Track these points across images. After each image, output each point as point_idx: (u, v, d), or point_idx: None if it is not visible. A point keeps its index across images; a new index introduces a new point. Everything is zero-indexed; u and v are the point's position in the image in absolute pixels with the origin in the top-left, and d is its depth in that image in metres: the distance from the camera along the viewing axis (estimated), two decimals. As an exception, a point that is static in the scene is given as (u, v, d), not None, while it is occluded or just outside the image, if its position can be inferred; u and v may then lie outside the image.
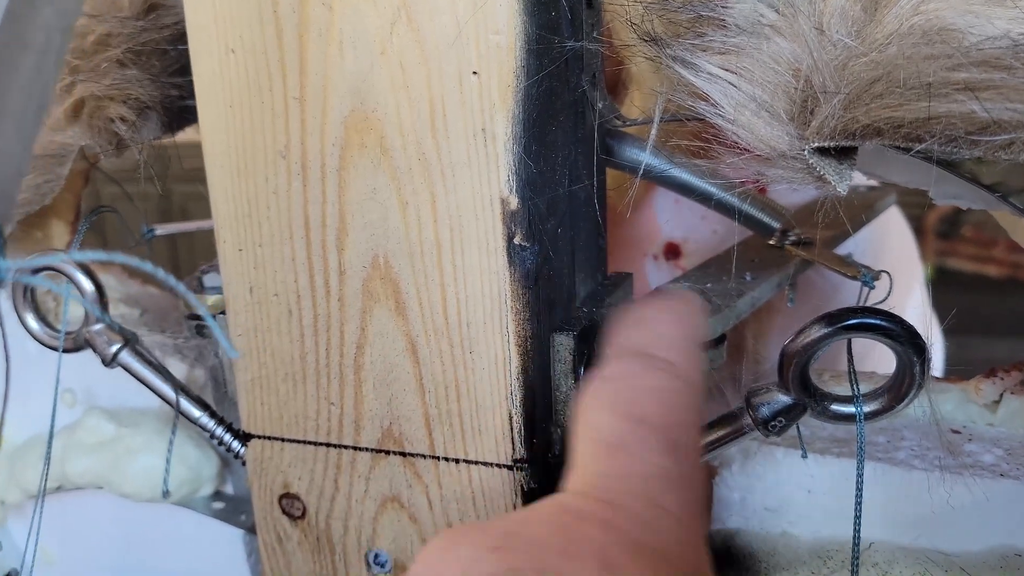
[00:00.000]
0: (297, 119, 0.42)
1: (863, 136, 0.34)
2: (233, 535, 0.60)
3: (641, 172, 0.46)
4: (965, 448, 0.50)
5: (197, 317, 0.53)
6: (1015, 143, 0.32)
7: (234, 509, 0.61)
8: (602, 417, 0.36)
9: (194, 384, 0.60)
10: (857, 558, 0.40)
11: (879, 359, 0.73)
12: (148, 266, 0.34)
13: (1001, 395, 0.52)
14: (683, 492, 0.34)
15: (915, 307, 0.88)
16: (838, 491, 0.49)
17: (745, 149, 0.37)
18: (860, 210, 0.67)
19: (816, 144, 0.35)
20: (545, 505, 0.34)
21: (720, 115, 0.37)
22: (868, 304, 0.47)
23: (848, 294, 0.79)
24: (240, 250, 0.45)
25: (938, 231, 3.38)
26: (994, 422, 0.52)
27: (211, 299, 0.51)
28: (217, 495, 0.62)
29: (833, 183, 0.36)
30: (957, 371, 0.56)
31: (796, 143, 0.36)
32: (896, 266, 0.87)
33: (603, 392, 0.37)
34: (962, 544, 0.47)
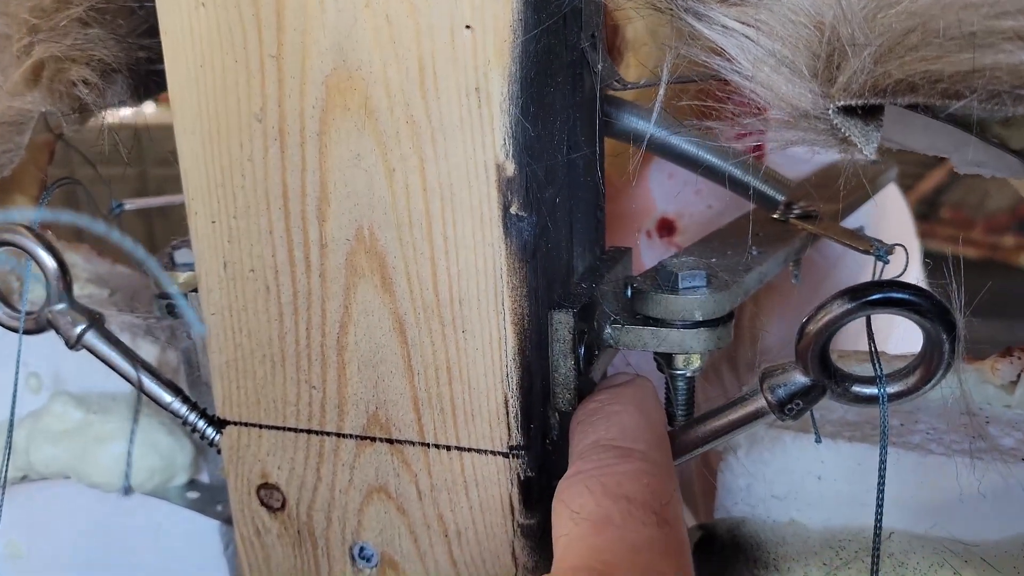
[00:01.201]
0: (274, 79, 0.38)
1: (895, 93, 0.31)
2: (209, 526, 0.57)
3: (646, 141, 0.43)
4: (981, 431, 0.48)
5: (168, 296, 0.49)
6: (1064, 99, 0.29)
7: (210, 499, 0.58)
8: (584, 499, 0.36)
9: (166, 367, 0.57)
10: (878, 549, 0.38)
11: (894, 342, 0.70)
12: (115, 233, 0.31)
13: (1019, 375, 0.49)
14: (676, 558, 0.34)
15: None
16: (850, 477, 0.46)
17: (763, 109, 0.34)
18: (861, 184, 0.64)
19: (843, 102, 0.32)
20: None
21: (737, 71, 0.34)
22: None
23: (846, 271, 0.77)
24: (213, 222, 0.41)
25: (917, 212, 3.37)
26: (1012, 404, 0.49)
27: (183, 276, 0.48)
28: (192, 484, 0.59)
29: (860, 145, 0.33)
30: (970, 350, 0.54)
31: (820, 101, 0.33)
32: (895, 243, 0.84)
33: (581, 480, 0.37)
34: (981, 533, 0.45)
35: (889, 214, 0.83)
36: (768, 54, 0.33)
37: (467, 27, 0.35)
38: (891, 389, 0.37)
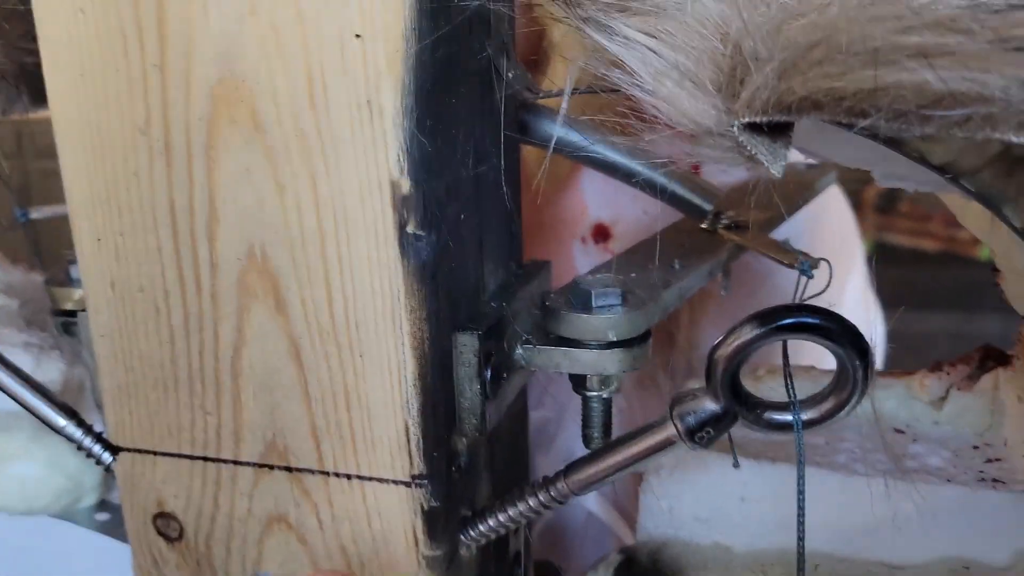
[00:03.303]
0: (157, 89, 0.36)
1: (800, 110, 0.30)
2: (119, 550, 0.55)
3: (552, 148, 0.41)
4: (910, 450, 0.46)
5: (65, 312, 0.47)
6: (972, 119, 0.28)
7: (120, 521, 0.55)
8: None
9: (71, 385, 0.55)
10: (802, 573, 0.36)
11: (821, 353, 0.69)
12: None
13: (947, 391, 0.48)
14: None
15: (855, 289, 0.84)
16: (775, 498, 0.45)
17: (667, 125, 0.33)
18: (799, 190, 0.63)
19: (747, 119, 0.31)
20: None
21: (638, 85, 0.32)
22: (806, 293, 0.43)
23: (783, 277, 0.76)
24: (99, 240, 0.39)
25: (876, 206, 3.39)
26: (939, 420, 0.48)
27: (78, 293, 0.46)
28: (102, 505, 0.57)
29: (766, 164, 0.31)
30: (897, 348, 0.52)
31: (724, 118, 0.31)
32: (836, 246, 0.83)
33: None
34: (907, 555, 0.44)
35: (830, 216, 0.82)
36: (671, 67, 0.31)
37: (356, 36, 0.33)
38: (805, 416, 0.35)
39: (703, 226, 0.52)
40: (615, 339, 0.40)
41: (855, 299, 0.85)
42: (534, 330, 0.42)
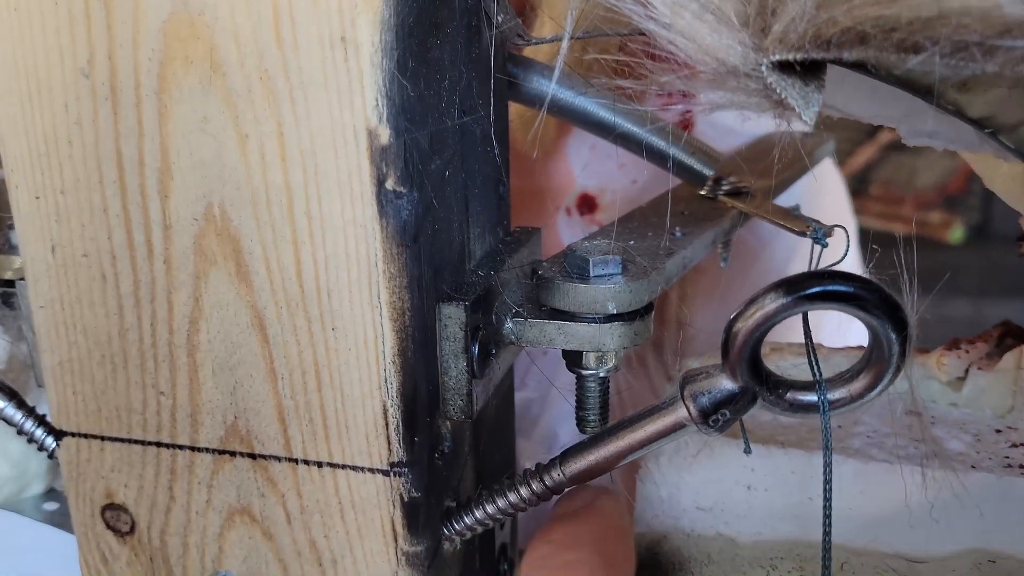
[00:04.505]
0: (102, 25, 0.32)
1: (841, 45, 0.26)
2: (68, 542, 0.50)
3: (546, 104, 0.37)
4: (926, 433, 0.43)
5: (5, 283, 0.43)
6: (1045, 53, 0.24)
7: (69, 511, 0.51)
8: None
9: (15, 363, 0.50)
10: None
11: (829, 330, 0.66)
12: None
13: (966, 370, 0.45)
14: None
15: (850, 268, 0.81)
16: (784, 487, 0.41)
17: (685, 65, 0.29)
18: (796, 159, 0.59)
19: (778, 57, 0.27)
20: None
21: (653, 19, 0.28)
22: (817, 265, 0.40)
23: (780, 250, 0.72)
24: (37, 198, 0.35)
25: (847, 188, 3.38)
26: (958, 402, 0.45)
27: (19, 260, 0.41)
28: (50, 494, 0.53)
29: (797, 109, 0.28)
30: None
31: (751, 55, 0.27)
32: (830, 222, 0.79)
33: None
34: (927, 547, 0.40)
35: (825, 191, 0.78)
36: (690, -2, 0.27)
37: (329, -38, 0.29)
38: (832, 396, 0.31)
39: (702, 192, 0.48)
40: (615, 311, 0.36)
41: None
42: (525, 302, 0.38)
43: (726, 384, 0.32)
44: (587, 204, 0.66)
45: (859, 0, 0.25)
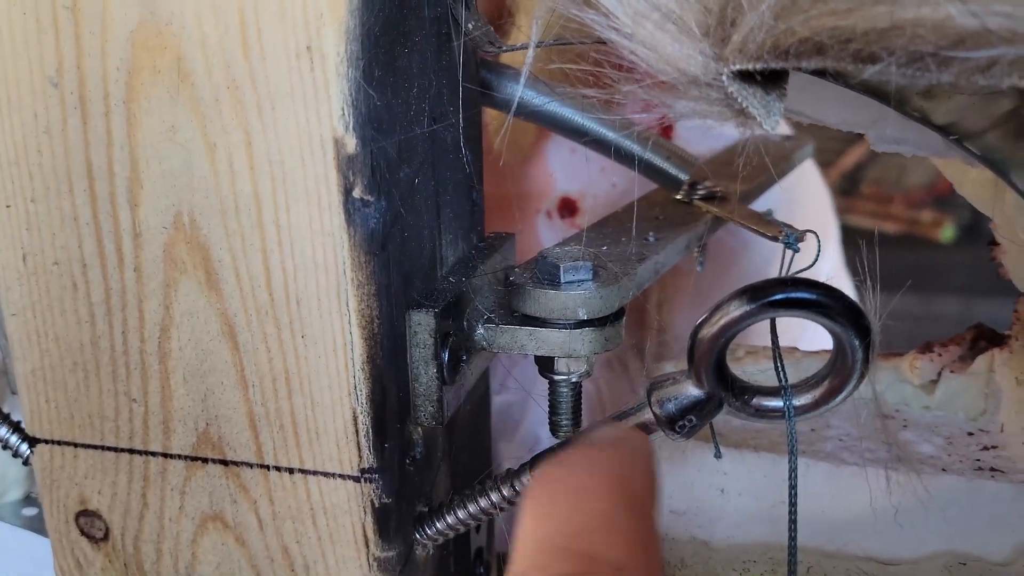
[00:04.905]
0: (70, 35, 0.32)
1: (799, 55, 0.26)
2: (47, 547, 0.50)
3: (514, 110, 0.37)
4: (900, 436, 0.43)
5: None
6: (998, 63, 0.24)
7: (48, 516, 0.52)
8: None
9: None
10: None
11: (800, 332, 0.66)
12: None
13: (939, 374, 0.45)
14: None
15: (831, 269, 0.81)
16: (756, 491, 0.42)
17: (647, 74, 0.29)
18: (776, 162, 0.59)
19: (738, 66, 0.27)
20: None
21: (614, 28, 0.28)
22: (790, 269, 0.40)
23: (758, 253, 0.72)
24: (8, 207, 0.35)
25: (838, 188, 3.38)
26: (931, 405, 0.45)
27: None
28: (28, 500, 0.53)
29: (759, 118, 0.28)
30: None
31: (712, 65, 0.27)
32: (811, 224, 0.80)
33: None
34: (900, 550, 0.40)
35: (806, 193, 0.78)
36: (651, 8, 0.28)
37: (294, -27, 0.29)
38: (798, 401, 0.32)
39: (678, 197, 0.48)
40: (586, 317, 0.36)
41: (830, 280, 0.82)
42: (497, 308, 0.38)
43: (692, 390, 0.32)
44: (568, 208, 0.66)
45: (815, 11, 0.25)
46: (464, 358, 0.36)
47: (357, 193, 0.31)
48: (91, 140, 0.33)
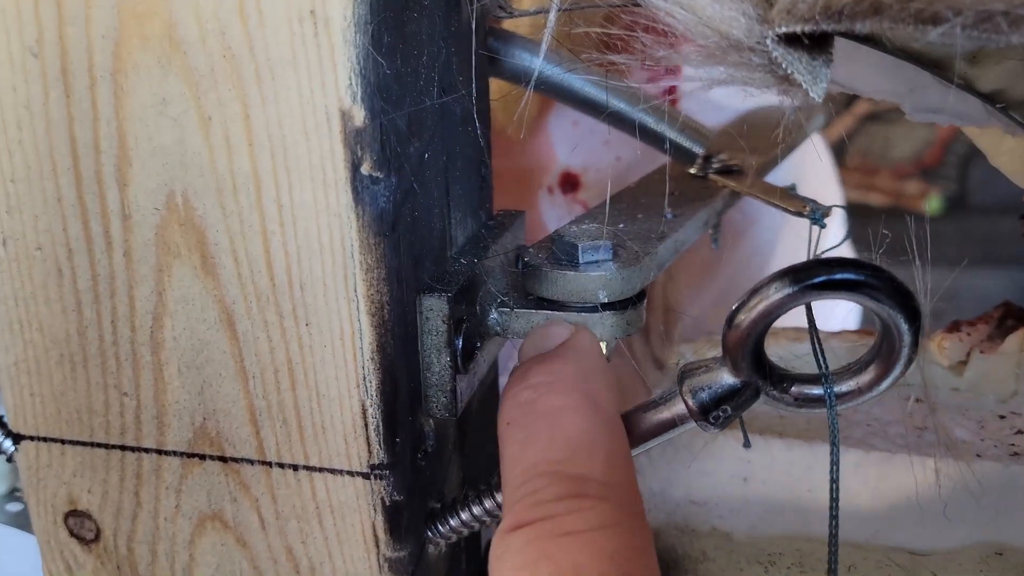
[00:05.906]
0: (51, 0, 0.29)
1: (854, 16, 0.24)
2: (33, 544, 0.48)
3: (533, 81, 0.35)
4: (930, 421, 0.41)
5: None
6: (1077, 21, 0.22)
7: (34, 512, 0.49)
8: None
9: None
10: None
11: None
12: None
13: (968, 354, 0.43)
14: None
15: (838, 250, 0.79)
16: (781, 479, 0.40)
17: (682, 38, 0.27)
18: (788, 133, 0.57)
19: (785, 29, 0.25)
20: None
21: (648, -12, 0.26)
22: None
23: (767, 229, 0.70)
24: (-14, 188, 0.32)
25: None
26: (959, 387, 0.43)
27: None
28: (13, 495, 0.50)
29: (805, 85, 0.26)
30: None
31: (756, 28, 0.25)
32: (818, 198, 0.78)
33: (523, 547, 0.26)
34: (932, 541, 0.39)
35: (813, 168, 0.76)
36: (689, -35, 0.25)
37: (296, -71, 0.27)
38: (840, 388, 0.30)
39: (692, 171, 0.46)
40: (606, 300, 0.34)
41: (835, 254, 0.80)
42: (510, 291, 0.36)
43: (727, 378, 0.30)
44: (570, 182, 0.64)
45: (875, -34, 0.23)
46: (478, 345, 0.34)
47: (366, 169, 0.29)
48: (75, 115, 0.30)
